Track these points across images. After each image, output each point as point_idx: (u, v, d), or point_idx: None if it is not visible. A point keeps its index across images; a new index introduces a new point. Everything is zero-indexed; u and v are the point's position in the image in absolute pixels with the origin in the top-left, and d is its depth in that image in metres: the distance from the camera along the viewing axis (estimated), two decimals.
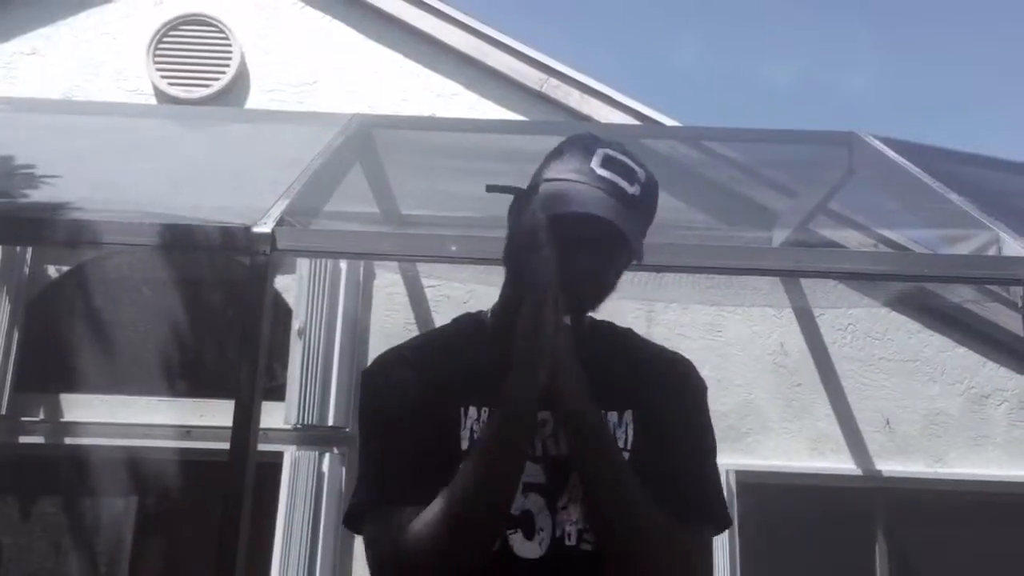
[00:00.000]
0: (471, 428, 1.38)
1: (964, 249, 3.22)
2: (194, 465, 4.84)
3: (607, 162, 1.39)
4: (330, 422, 4.80)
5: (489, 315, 1.53)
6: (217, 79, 5.28)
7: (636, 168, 1.42)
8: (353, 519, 1.44)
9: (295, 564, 4.58)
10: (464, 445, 1.38)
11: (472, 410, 1.40)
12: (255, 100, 5.29)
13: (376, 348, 4.93)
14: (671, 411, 1.45)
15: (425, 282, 5.04)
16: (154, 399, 4.93)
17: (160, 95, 5.29)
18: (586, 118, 5.17)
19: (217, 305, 5.01)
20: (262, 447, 4.61)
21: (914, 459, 4.81)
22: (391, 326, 4.99)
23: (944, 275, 3.17)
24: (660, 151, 4.92)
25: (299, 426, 4.75)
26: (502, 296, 1.49)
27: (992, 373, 4.93)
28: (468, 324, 1.54)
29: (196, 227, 2.94)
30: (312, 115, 4.51)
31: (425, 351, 1.50)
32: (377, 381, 1.49)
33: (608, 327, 1.53)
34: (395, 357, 1.51)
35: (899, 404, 4.88)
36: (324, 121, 4.33)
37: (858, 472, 4.77)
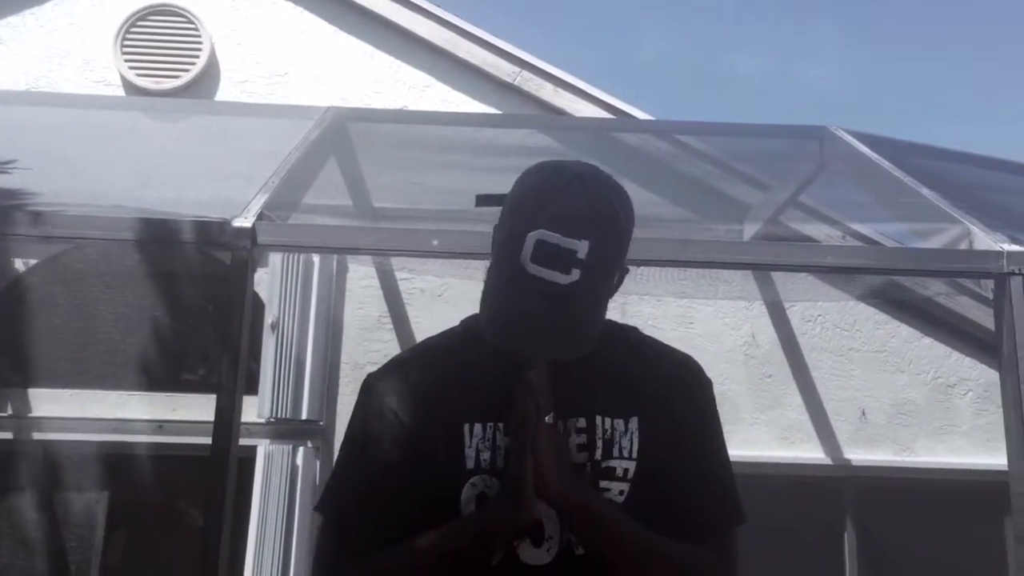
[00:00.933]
0: (476, 447, 1.36)
1: (936, 243, 3.27)
2: (167, 460, 4.81)
3: (540, 254, 1.26)
4: (304, 415, 4.79)
5: None
6: (187, 70, 5.22)
7: (576, 243, 1.26)
8: (319, 509, 1.46)
9: (269, 557, 4.56)
10: (469, 464, 1.36)
11: (477, 427, 1.37)
12: (226, 92, 5.25)
13: (350, 341, 4.94)
14: (680, 416, 1.44)
15: (399, 275, 5.04)
16: (125, 393, 4.89)
17: (128, 86, 5.22)
18: (559, 111, 5.18)
19: (189, 299, 4.97)
20: (240, 441, 4.64)
21: (882, 448, 4.89)
22: (365, 319, 4.99)
23: (918, 269, 3.22)
24: (632, 144, 4.96)
25: (272, 420, 4.73)
26: None
27: (958, 363, 5.02)
28: (473, 329, 1.47)
29: (175, 221, 2.91)
30: (286, 108, 4.48)
31: (429, 365, 1.47)
32: (375, 390, 1.47)
33: (610, 327, 1.48)
34: (401, 369, 1.48)
35: (867, 394, 4.96)
36: (298, 113, 4.30)
37: (828, 461, 4.84)
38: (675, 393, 1.46)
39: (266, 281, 4.83)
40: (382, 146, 4.66)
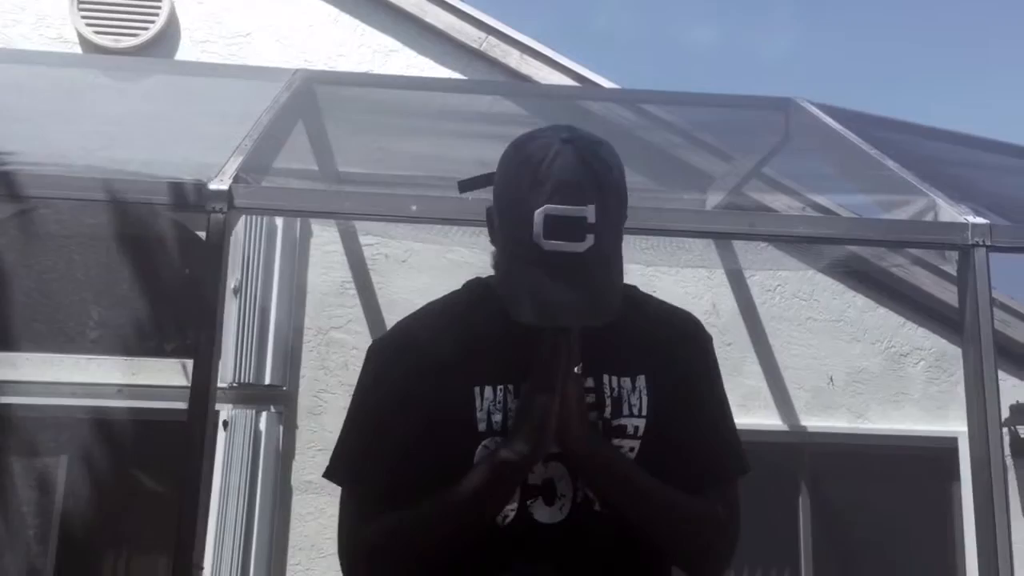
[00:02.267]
0: (488, 410, 1.37)
1: (901, 215, 3.34)
2: (126, 424, 4.77)
3: (551, 228, 1.26)
4: (267, 381, 4.77)
5: (497, 286, 1.46)
6: (146, 28, 5.12)
7: (583, 209, 1.26)
8: (331, 478, 1.46)
9: (232, 523, 4.55)
10: (481, 427, 1.37)
11: (488, 390, 1.38)
12: (186, 51, 5.15)
13: (313, 306, 4.92)
14: (685, 372, 1.45)
15: (363, 240, 5.02)
16: (83, 357, 4.82)
17: (86, 44, 5.10)
18: (525, 78, 5.17)
19: (150, 262, 4.90)
20: None
21: (837, 415, 5.01)
22: (329, 284, 4.96)
23: (885, 240, 3.29)
24: (597, 113, 4.96)
25: (235, 384, 4.71)
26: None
27: (911, 333, 5.14)
28: (479, 293, 1.49)
29: (149, 183, 2.87)
30: (253, 69, 4.42)
31: (434, 328, 1.46)
32: (383, 355, 1.47)
33: None
34: (404, 337, 1.47)
35: (824, 362, 5.07)
36: (266, 75, 4.25)
37: (784, 427, 4.95)
38: (679, 349, 1.47)
39: (228, 245, 4.77)
40: (348, 110, 4.62)
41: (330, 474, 1.45)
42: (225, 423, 4.61)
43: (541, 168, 1.29)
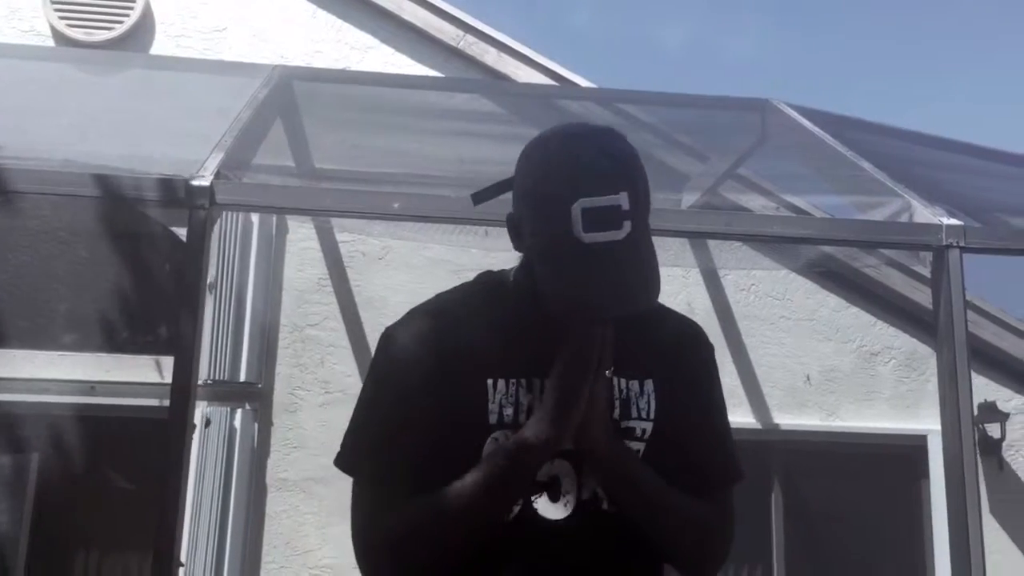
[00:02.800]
0: (500, 403, 1.37)
1: (876, 216, 3.39)
2: (100, 421, 4.73)
3: (589, 220, 1.27)
4: (242, 378, 4.75)
5: (511, 277, 1.48)
6: (120, 22, 5.07)
7: (616, 198, 1.27)
8: (341, 467, 1.45)
9: (206, 521, 4.53)
10: (492, 419, 1.37)
11: (500, 383, 1.38)
12: (161, 46, 5.11)
13: (289, 303, 4.90)
14: (691, 379, 1.48)
15: (339, 237, 5.01)
16: (55, 354, 4.77)
17: (58, 37, 5.05)
18: (503, 76, 5.18)
19: (123, 258, 4.86)
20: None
21: (809, 413, 5.06)
22: (304, 281, 4.95)
23: (861, 240, 3.33)
24: (574, 112, 4.98)
25: (210, 382, 4.68)
26: (524, 263, 1.45)
27: (882, 332, 5.21)
28: (493, 286, 1.48)
29: (130, 178, 2.85)
30: (230, 64, 4.39)
31: (449, 318, 1.45)
32: (397, 344, 1.45)
33: None
34: (420, 324, 1.45)
35: (797, 361, 5.13)
36: (244, 71, 4.22)
37: (758, 425, 5.00)
38: (686, 357, 1.50)
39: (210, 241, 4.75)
40: (326, 107, 4.61)
41: (342, 462, 1.45)
42: (208, 421, 4.58)
43: (568, 165, 1.31)
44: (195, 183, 2.81)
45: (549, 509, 1.37)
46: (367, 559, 1.41)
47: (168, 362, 4.74)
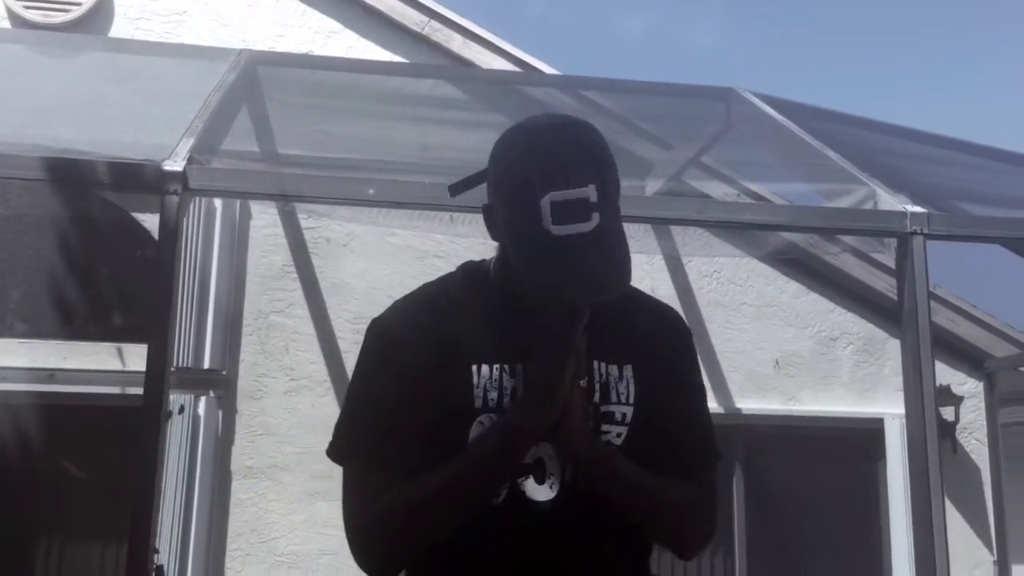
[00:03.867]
0: (484, 387, 1.40)
1: (842, 204, 3.45)
2: (58, 409, 4.66)
3: (558, 213, 1.29)
4: (206, 365, 4.71)
5: (491, 269, 1.51)
6: (78, 4, 4.97)
7: (584, 190, 1.30)
8: (334, 456, 1.48)
9: (171, 509, 4.49)
10: (478, 404, 1.40)
11: (485, 368, 1.41)
12: (120, 28, 5.02)
13: (253, 290, 4.86)
14: (669, 363, 1.51)
15: (303, 223, 4.98)
16: (13, 341, 4.70)
17: (14, 18, 4.94)
18: (468, 63, 5.17)
19: (82, 244, 4.79)
20: (135, 390, 4.49)
21: (770, 397, 5.15)
22: (268, 268, 4.91)
23: (827, 227, 3.39)
24: (539, 99, 5.00)
25: (173, 369, 4.62)
26: (500, 255, 1.48)
27: (840, 318, 5.31)
28: (475, 275, 1.52)
29: (101, 163, 2.80)
30: (193, 48, 4.33)
31: (434, 306, 1.48)
32: (386, 334, 1.48)
33: None
34: (405, 314, 1.49)
35: (758, 346, 5.20)
36: (207, 55, 4.18)
37: (720, 410, 5.07)
38: (664, 342, 1.53)
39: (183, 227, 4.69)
40: (290, 92, 4.57)
41: (335, 452, 1.47)
42: (182, 408, 4.54)
43: (538, 158, 1.33)
44: (168, 168, 2.78)
45: (536, 490, 1.40)
46: (360, 543, 1.43)
47: (129, 349, 4.77)
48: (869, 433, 5.18)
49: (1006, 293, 5.37)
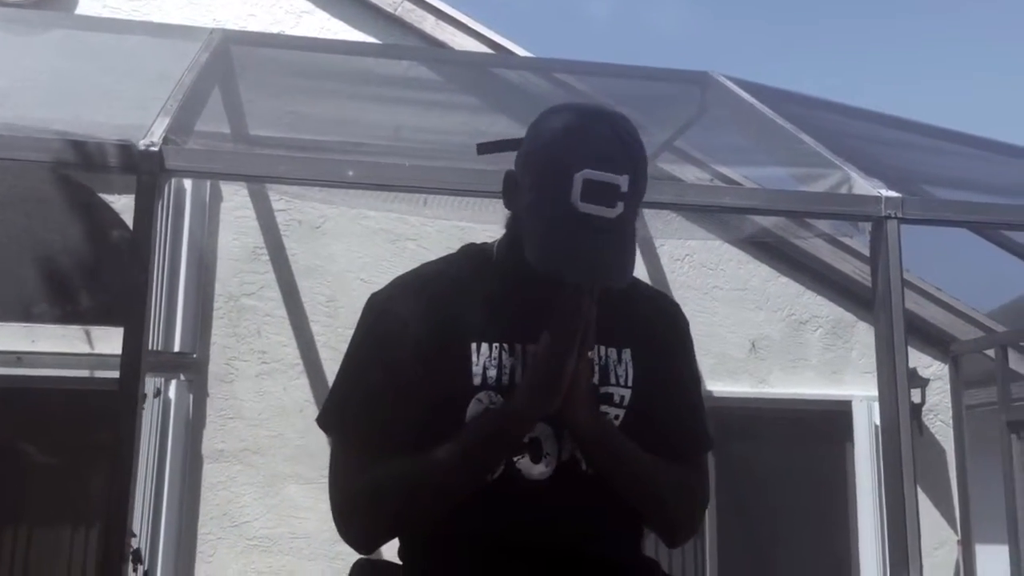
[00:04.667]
0: (484, 365, 1.41)
1: (817, 188, 3.47)
2: (26, 393, 4.60)
3: (588, 191, 1.32)
4: (176, 348, 4.66)
5: (495, 249, 1.52)
6: None
7: (617, 178, 1.33)
8: (324, 425, 1.49)
9: (141, 494, 4.45)
10: (476, 381, 1.41)
11: (484, 347, 1.42)
12: (86, 6, 4.92)
13: (224, 273, 4.82)
14: (667, 350, 1.53)
15: (275, 205, 4.94)
16: None
17: None
18: (441, 44, 5.14)
19: (48, 224, 4.71)
20: (103, 374, 4.46)
21: (740, 380, 5.19)
22: (240, 250, 4.87)
23: (805, 211, 3.42)
24: (512, 81, 4.98)
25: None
26: (509, 234, 1.49)
27: (810, 301, 5.36)
28: (476, 256, 1.54)
29: (74, 143, 2.76)
30: (163, 27, 4.26)
31: (434, 285, 1.49)
32: (385, 310, 1.48)
33: None
34: (405, 290, 1.50)
35: (729, 330, 5.24)
36: (177, 34, 4.11)
37: None
38: (663, 329, 1.55)
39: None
40: (262, 72, 4.51)
41: (325, 420, 1.48)
42: (158, 391, 4.50)
43: (581, 136, 1.36)
44: (144, 148, 2.74)
45: (532, 469, 1.41)
46: (346, 515, 1.44)
47: (97, 332, 4.71)
48: (837, 415, 5.24)
49: (971, 277, 5.46)
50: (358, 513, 1.42)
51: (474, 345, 1.42)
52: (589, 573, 1.41)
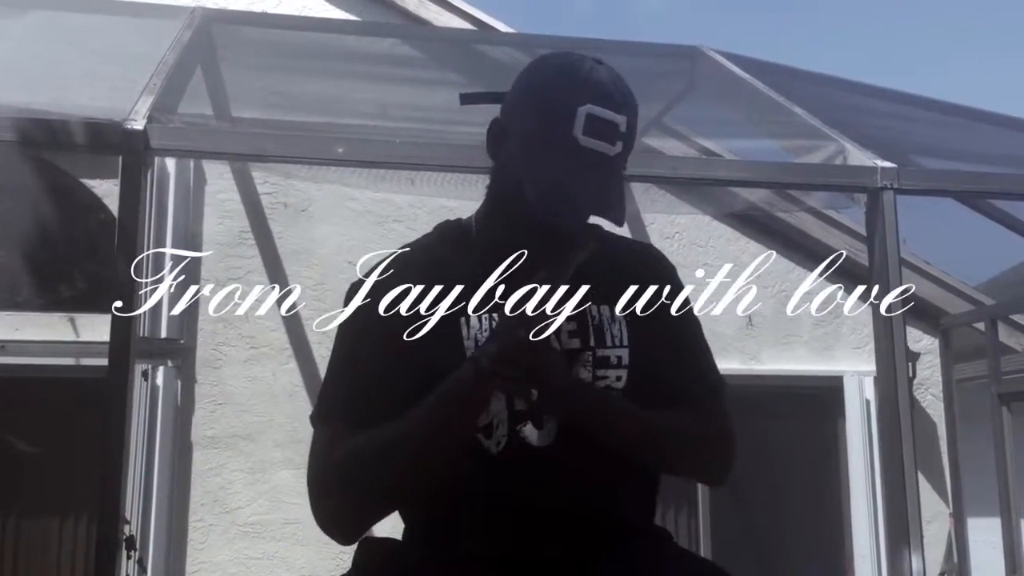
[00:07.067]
0: (475, 338, 1.39)
1: (812, 160, 3.44)
2: (11, 382, 4.52)
3: (591, 126, 1.34)
4: (163, 334, 4.60)
5: (474, 223, 1.51)
6: None
7: (617, 117, 1.36)
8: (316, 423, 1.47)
9: (131, 482, 4.39)
10: (468, 354, 1.37)
11: (474, 319, 1.40)
12: None
13: (210, 257, 4.75)
14: (658, 298, 1.50)
15: (260, 188, 4.87)
16: None
17: None
18: (424, 22, 5.08)
19: (29, 210, 4.63)
20: (90, 361, 4.40)
21: (731, 357, 5.16)
22: (225, 234, 4.81)
23: (798, 183, 3.39)
24: (495, 57, 4.92)
25: None
26: (488, 200, 1.48)
27: (800, 278, 5.34)
28: (453, 231, 1.53)
29: (58, 122, 2.69)
30: (144, 6, 4.16)
31: (417, 265, 1.47)
32: (368, 295, 1.46)
33: None
34: (388, 274, 1.47)
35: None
36: (157, 13, 4.03)
37: None
38: (651, 278, 1.52)
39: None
40: (244, 51, 4.44)
41: (320, 412, 1.47)
42: (145, 372, 4.44)
43: (581, 74, 1.38)
44: (129, 127, 2.68)
45: (534, 436, 1.39)
46: (323, 495, 1.42)
47: (82, 319, 4.64)
48: (829, 391, 5.24)
49: (960, 250, 5.45)
50: (336, 487, 1.40)
51: (463, 319, 1.41)
52: (598, 535, 1.38)
